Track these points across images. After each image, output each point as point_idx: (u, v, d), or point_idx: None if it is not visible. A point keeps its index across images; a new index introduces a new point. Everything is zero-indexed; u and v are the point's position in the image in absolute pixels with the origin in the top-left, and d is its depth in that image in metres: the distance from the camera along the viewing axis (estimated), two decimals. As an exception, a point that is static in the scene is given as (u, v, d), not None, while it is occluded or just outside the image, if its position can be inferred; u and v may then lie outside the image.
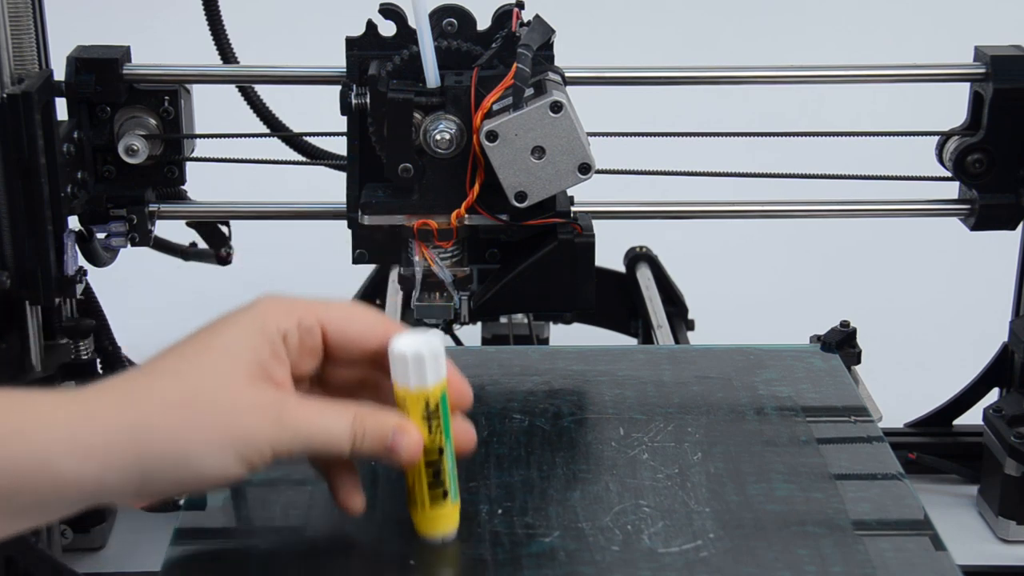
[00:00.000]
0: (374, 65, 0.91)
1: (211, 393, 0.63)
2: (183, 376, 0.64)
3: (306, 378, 0.68)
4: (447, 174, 0.89)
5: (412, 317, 0.94)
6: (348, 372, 0.70)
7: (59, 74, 0.97)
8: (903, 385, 1.10)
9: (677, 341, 1.17)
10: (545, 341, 1.28)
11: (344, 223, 0.96)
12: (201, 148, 1.04)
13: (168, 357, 0.65)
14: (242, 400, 0.63)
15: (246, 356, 0.64)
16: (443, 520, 0.69)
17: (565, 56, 0.93)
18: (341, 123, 0.94)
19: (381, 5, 0.92)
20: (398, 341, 0.67)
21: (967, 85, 1.03)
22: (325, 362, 0.69)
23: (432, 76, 0.89)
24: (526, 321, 1.26)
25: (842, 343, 0.99)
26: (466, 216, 0.90)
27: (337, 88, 0.93)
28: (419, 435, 0.67)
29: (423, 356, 0.66)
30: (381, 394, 0.69)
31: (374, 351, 0.68)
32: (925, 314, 1.39)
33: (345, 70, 0.94)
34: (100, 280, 1.04)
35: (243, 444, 0.63)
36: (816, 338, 1.00)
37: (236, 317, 0.66)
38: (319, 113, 1.01)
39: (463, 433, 0.69)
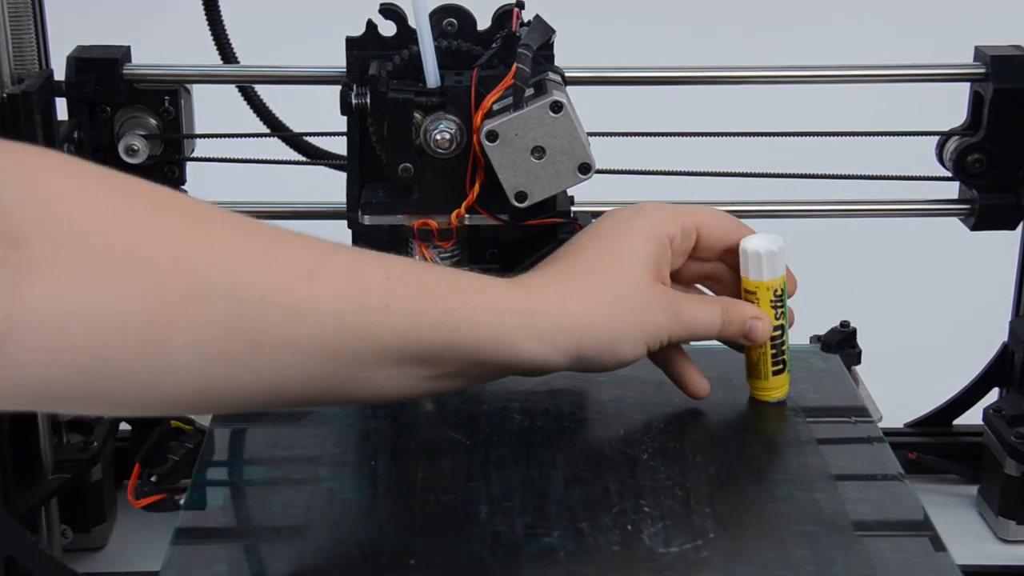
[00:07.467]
0: (374, 65, 0.91)
1: (630, 292, 0.75)
2: (608, 276, 0.75)
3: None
4: (447, 174, 0.89)
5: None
6: (698, 267, 0.82)
7: (59, 74, 0.97)
8: (903, 385, 1.09)
9: (677, 341, 1.16)
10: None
11: (344, 223, 0.96)
12: (201, 148, 1.04)
13: (586, 257, 0.77)
14: (650, 298, 0.76)
15: (648, 259, 0.77)
16: (779, 388, 0.83)
17: (565, 56, 0.93)
18: (341, 123, 0.94)
19: (381, 5, 0.92)
20: (751, 241, 0.80)
21: (967, 85, 1.03)
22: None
23: (432, 76, 0.89)
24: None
25: (842, 343, 0.99)
26: (466, 216, 0.90)
27: (337, 88, 0.92)
28: (770, 322, 0.80)
29: (775, 253, 0.80)
30: (719, 285, 0.83)
31: (726, 249, 0.81)
32: (925, 314, 1.39)
33: (345, 70, 0.94)
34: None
35: (650, 335, 0.76)
36: (816, 338, 1.00)
37: (630, 222, 0.78)
38: (319, 113, 1.00)
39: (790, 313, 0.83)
